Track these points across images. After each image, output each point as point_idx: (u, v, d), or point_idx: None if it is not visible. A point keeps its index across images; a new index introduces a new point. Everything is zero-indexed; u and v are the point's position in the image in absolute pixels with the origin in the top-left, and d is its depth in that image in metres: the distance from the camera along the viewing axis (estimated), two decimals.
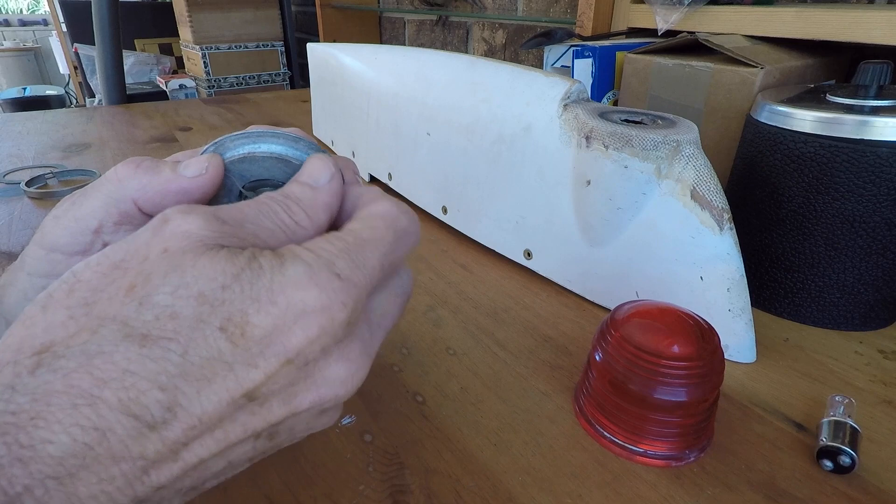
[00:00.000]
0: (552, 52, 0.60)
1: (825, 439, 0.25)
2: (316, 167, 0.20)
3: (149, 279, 0.15)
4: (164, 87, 1.65)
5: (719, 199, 0.31)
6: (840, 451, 0.25)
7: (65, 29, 2.21)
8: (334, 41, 1.15)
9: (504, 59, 0.76)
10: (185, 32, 1.68)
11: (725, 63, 0.44)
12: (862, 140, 0.31)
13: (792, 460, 0.26)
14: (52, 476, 0.13)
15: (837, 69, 0.50)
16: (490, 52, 1.07)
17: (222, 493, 0.24)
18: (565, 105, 0.36)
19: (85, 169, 0.65)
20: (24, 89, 3.44)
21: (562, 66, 0.59)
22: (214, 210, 0.17)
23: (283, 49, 1.75)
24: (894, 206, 0.32)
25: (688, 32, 0.54)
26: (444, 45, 1.19)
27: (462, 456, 0.26)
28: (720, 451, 0.26)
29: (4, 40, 4.04)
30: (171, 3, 1.77)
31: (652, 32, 0.60)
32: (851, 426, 0.25)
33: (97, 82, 1.32)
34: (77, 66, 2.09)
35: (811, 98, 0.35)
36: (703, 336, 0.25)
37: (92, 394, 0.14)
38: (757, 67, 0.42)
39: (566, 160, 0.36)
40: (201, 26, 1.60)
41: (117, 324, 0.15)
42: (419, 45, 1.25)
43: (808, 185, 0.33)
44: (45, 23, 4.05)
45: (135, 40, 1.99)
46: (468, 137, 0.43)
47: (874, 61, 0.33)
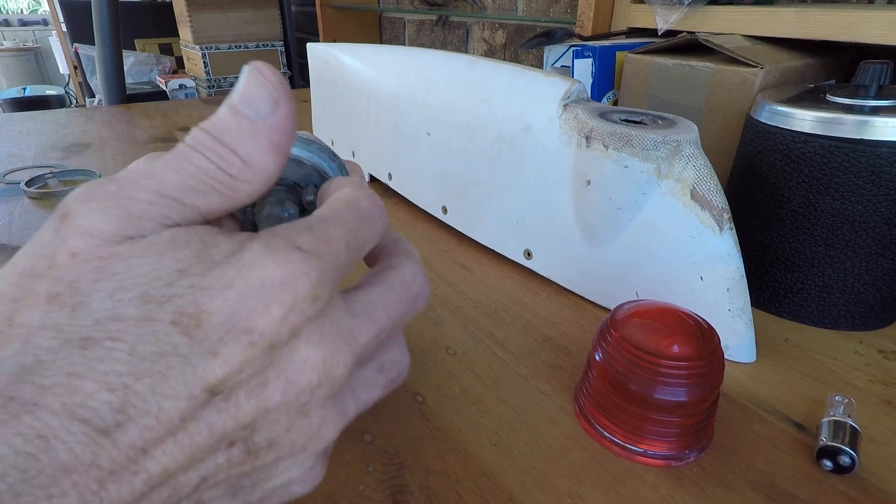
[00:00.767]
0: (552, 52, 0.60)
1: (825, 439, 0.25)
2: (250, 88, 0.17)
3: (74, 287, 0.14)
4: (164, 87, 1.65)
5: (719, 199, 0.31)
6: (840, 451, 0.25)
7: (65, 29, 2.21)
8: (334, 41, 1.15)
9: (504, 59, 0.76)
10: (185, 32, 1.68)
11: (725, 63, 0.44)
12: (862, 140, 0.31)
13: (792, 460, 0.26)
14: None
15: (837, 69, 0.50)
16: (490, 52, 1.07)
17: None
18: (565, 105, 0.36)
19: (85, 169, 0.65)
20: (24, 89, 3.44)
21: (562, 66, 0.59)
22: (116, 189, 0.15)
23: (283, 49, 1.75)
24: (894, 206, 0.32)
25: (688, 32, 0.54)
26: (444, 45, 1.19)
27: (462, 456, 0.26)
28: (720, 451, 0.26)
29: (4, 40, 4.04)
30: (171, 3, 1.77)
31: (652, 32, 0.60)
32: (851, 426, 0.25)
33: (97, 82, 1.32)
34: (77, 66, 2.09)
35: (811, 98, 0.35)
36: (703, 336, 0.25)
37: (34, 402, 0.13)
38: (757, 67, 0.42)
39: (566, 160, 0.36)
40: (201, 26, 1.60)
41: (49, 331, 0.14)
42: (419, 45, 1.25)
43: (808, 185, 0.33)
44: (45, 23, 4.05)
45: (135, 40, 1.99)
46: (468, 137, 0.43)
47: (874, 61, 0.33)
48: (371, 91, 0.56)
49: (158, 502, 0.14)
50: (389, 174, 0.56)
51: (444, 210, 0.48)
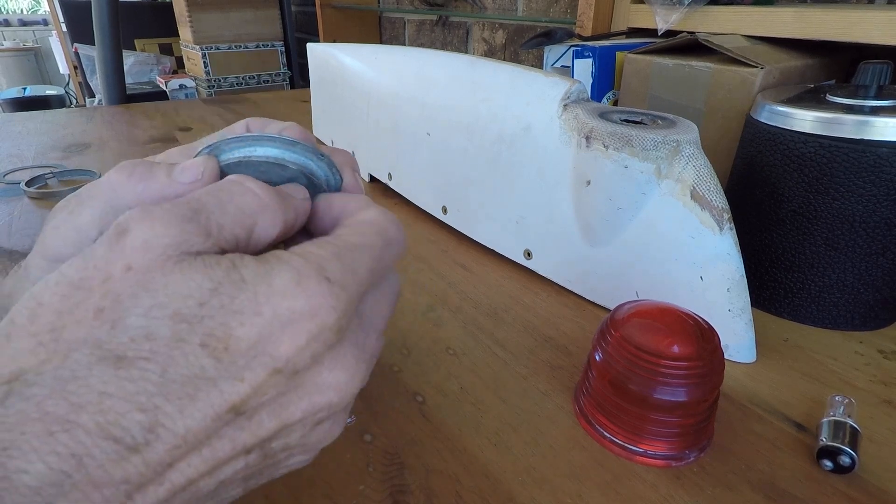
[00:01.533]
0: (552, 52, 0.60)
1: (825, 439, 0.25)
2: (290, 188, 0.20)
3: (118, 302, 0.15)
4: (164, 87, 1.65)
5: (719, 199, 0.31)
6: (840, 451, 0.25)
7: (65, 29, 2.21)
8: (334, 41, 1.15)
9: (504, 59, 0.76)
10: (185, 32, 1.68)
11: (725, 63, 0.44)
12: (862, 140, 0.31)
13: (792, 460, 0.26)
14: None
15: (837, 69, 0.50)
16: (490, 52, 1.07)
17: None
18: (565, 105, 0.36)
19: (85, 169, 0.65)
20: (24, 89, 3.44)
21: (562, 66, 0.59)
22: (171, 207, 0.16)
23: (283, 49, 1.75)
24: (894, 206, 0.32)
25: (688, 32, 0.54)
26: (444, 45, 1.19)
27: (462, 456, 0.26)
28: (720, 451, 0.26)
29: (4, 40, 4.04)
30: (171, 3, 1.77)
31: (652, 32, 0.60)
32: (851, 426, 0.25)
33: (97, 82, 1.32)
34: (77, 66, 2.10)
35: (811, 98, 0.35)
36: (703, 336, 0.25)
37: (68, 419, 0.13)
38: (757, 67, 0.42)
39: (566, 160, 0.36)
40: (201, 26, 1.60)
41: (89, 347, 0.14)
42: (419, 45, 1.25)
43: (808, 185, 0.33)
44: (45, 23, 4.05)
45: (135, 40, 1.99)
46: (468, 137, 0.43)
47: (874, 61, 0.33)
48: (371, 91, 0.56)
49: None
50: (389, 174, 0.56)
51: (444, 210, 0.48)
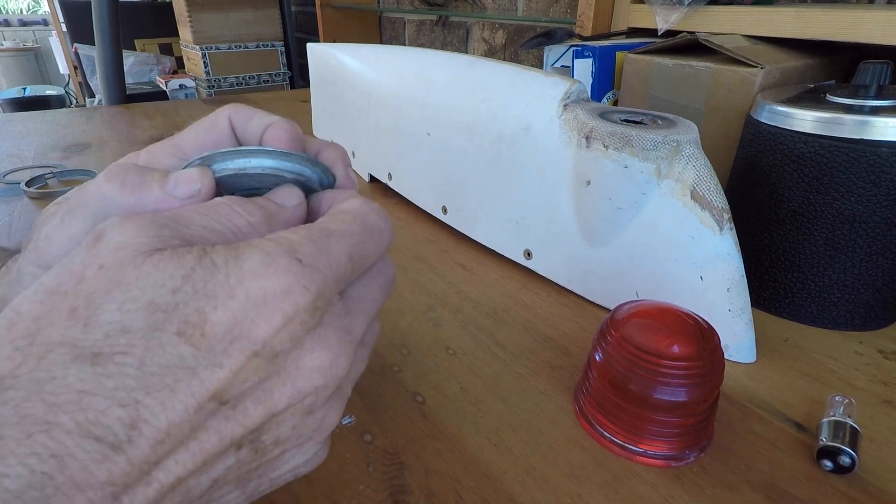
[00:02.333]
0: (552, 52, 0.60)
1: (825, 439, 0.25)
2: (285, 193, 0.20)
3: (91, 300, 0.15)
4: (164, 87, 1.65)
5: (719, 199, 0.31)
6: (840, 451, 0.25)
7: (65, 29, 2.21)
8: (334, 41, 1.15)
9: (504, 59, 0.76)
10: (185, 32, 1.68)
11: (725, 63, 0.44)
12: (862, 140, 0.31)
13: (792, 460, 0.26)
14: None
15: (837, 69, 0.50)
16: (490, 52, 1.07)
17: None
18: (565, 105, 0.36)
19: (85, 169, 0.65)
20: (24, 89, 3.44)
21: (562, 66, 0.59)
22: (152, 215, 0.16)
23: (283, 49, 1.75)
24: (894, 206, 0.32)
25: (688, 32, 0.54)
26: (444, 45, 1.19)
27: (462, 456, 0.26)
28: (720, 451, 0.26)
29: (4, 40, 4.04)
30: (171, 3, 1.77)
31: (652, 32, 0.60)
32: (851, 426, 0.25)
33: (97, 82, 1.32)
34: (77, 66, 2.10)
35: (811, 98, 0.35)
36: (703, 336, 0.25)
37: (46, 420, 0.13)
38: (757, 67, 0.42)
39: (566, 160, 0.36)
40: (201, 26, 1.60)
41: (64, 347, 0.14)
42: (419, 45, 1.25)
43: (808, 185, 0.33)
44: (45, 23, 4.05)
45: (135, 40, 1.99)
46: (468, 137, 0.43)
47: (874, 61, 0.33)
48: (371, 91, 0.56)
49: None
50: (389, 174, 0.56)
51: (444, 210, 0.48)
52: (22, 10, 4.53)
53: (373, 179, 0.61)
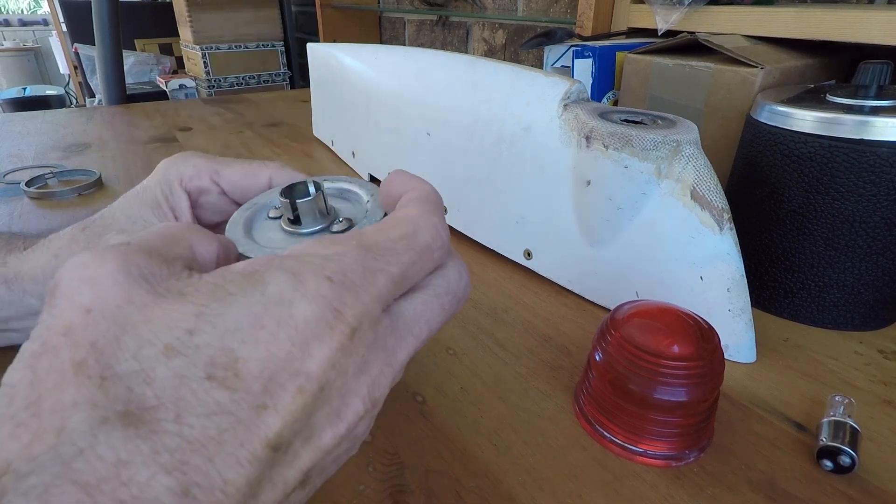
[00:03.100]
0: (552, 52, 0.60)
1: (825, 439, 0.25)
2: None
3: (98, 350, 0.12)
4: (164, 87, 1.66)
5: (719, 199, 0.31)
6: (840, 451, 0.25)
7: (65, 29, 2.21)
8: (334, 41, 1.15)
9: (504, 59, 0.76)
10: (185, 32, 1.68)
11: (725, 63, 0.44)
12: (862, 140, 0.31)
13: (792, 460, 0.26)
14: None
15: (837, 69, 0.50)
16: (490, 52, 1.07)
17: None
18: (565, 105, 0.36)
19: (85, 169, 0.65)
20: (24, 89, 3.45)
21: (562, 66, 0.59)
22: (115, 245, 0.14)
23: (283, 49, 1.75)
24: (894, 206, 0.32)
25: (688, 32, 0.54)
26: (444, 45, 1.19)
27: (462, 456, 0.26)
28: (720, 451, 0.26)
29: (4, 40, 4.04)
30: (171, 3, 1.77)
31: (652, 32, 0.60)
32: (851, 426, 0.25)
33: (97, 82, 1.32)
34: (77, 66, 2.10)
35: (811, 98, 0.35)
36: (703, 336, 0.25)
37: None
38: (757, 67, 0.42)
39: (566, 160, 0.36)
40: (201, 26, 1.60)
41: (82, 410, 0.12)
42: (419, 45, 1.25)
43: (808, 185, 0.33)
44: (45, 23, 4.04)
45: (135, 40, 1.99)
46: (468, 137, 0.43)
47: (874, 61, 0.33)
48: (371, 91, 0.56)
49: None
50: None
51: (444, 210, 0.48)
52: (22, 10, 4.53)
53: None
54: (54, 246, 0.25)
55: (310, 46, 0.73)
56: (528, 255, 0.41)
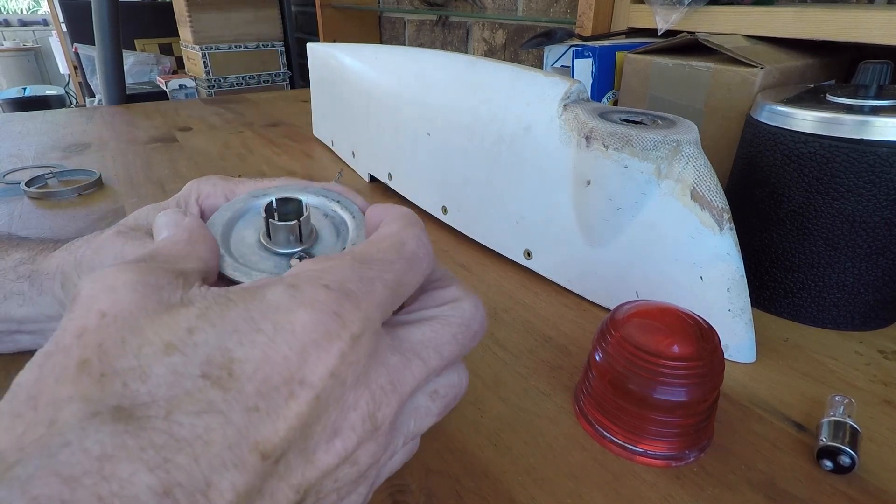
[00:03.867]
0: (552, 52, 0.60)
1: (825, 439, 0.25)
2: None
3: (103, 350, 0.13)
4: (164, 87, 1.66)
5: (719, 199, 0.31)
6: (840, 451, 0.25)
7: (65, 29, 2.21)
8: (334, 41, 1.15)
9: (504, 59, 0.76)
10: (185, 32, 1.68)
11: (725, 63, 0.44)
12: (862, 140, 0.31)
13: (792, 460, 0.26)
14: None
15: (837, 69, 0.50)
16: (490, 52, 1.07)
17: None
18: (565, 105, 0.36)
19: (85, 169, 0.65)
20: (24, 89, 3.45)
21: (562, 66, 0.59)
22: (135, 259, 0.15)
23: (283, 49, 1.75)
24: (894, 206, 0.32)
25: (688, 32, 0.54)
26: (444, 45, 1.19)
27: (462, 456, 0.26)
28: (720, 451, 0.26)
29: (4, 40, 4.04)
30: (171, 3, 1.77)
31: (652, 32, 0.60)
32: (851, 426, 0.25)
33: (97, 82, 1.32)
34: (77, 66, 2.10)
35: (811, 98, 0.35)
36: (703, 336, 0.25)
37: (62, 500, 0.10)
38: (757, 67, 0.42)
39: (566, 160, 0.36)
40: (201, 26, 1.60)
41: (76, 403, 0.12)
42: (419, 45, 1.25)
43: (808, 185, 0.33)
44: (45, 23, 4.05)
45: (135, 40, 1.99)
46: (468, 137, 0.43)
47: (874, 61, 0.33)
48: (371, 91, 0.56)
49: None
50: (389, 174, 0.56)
51: (444, 210, 0.48)
52: (22, 10, 4.53)
53: (373, 179, 0.61)
54: (74, 246, 0.26)
55: (310, 46, 0.73)
56: (528, 255, 0.41)
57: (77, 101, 3.13)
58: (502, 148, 0.40)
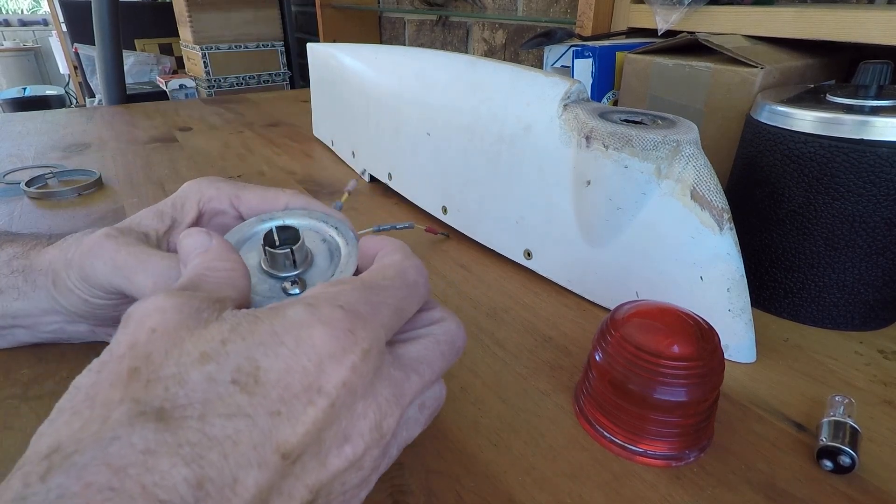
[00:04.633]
0: (552, 52, 0.60)
1: (825, 439, 0.25)
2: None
3: (150, 359, 0.15)
4: (164, 87, 1.66)
5: (719, 199, 0.31)
6: (840, 451, 0.25)
7: (65, 29, 2.21)
8: (334, 41, 1.15)
9: (504, 59, 0.76)
10: (185, 32, 1.68)
11: (725, 63, 0.44)
12: (862, 140, 0.31)
13: (792, 460, 0.26)
14: None
15: (837, 69, 0.50)
16: (490, 52, 1.07)
17: None
18: (565, 105, 0.36)
19: (85, 169, 0.65)
20: (24, 89, 3.45)
21: (562, 66, 0.59)
22: (180, 290, 0.17)
23: (283, 49, 1.75)
24: (894, 206, 0.32)
25: (688, 32, 0.54)
26: (444, 45, 1.19)
27: (462, 456, 0.26)
28: (720, 451, 0.26)
29: (4, 40, 4.04)
30: (171, 3, 1.77)
31: (652, 32, 0.60)
32: (851, 426, 0.25)
33: (97, 82, 1.32)
34: (77, 66, 2.10)
35: (811, 98, 0.35)
36: (703, 336, 0.25)
37: (111, 487, 0.12)
38: (757, 67, 0.42)
39: (566, 160, 0.36)
40: (201, 26, 1.60)
41: (126, 404, 0.14)
42: (419, 45, 1.25)
43: (808, 185, 0.33)
44: (45, 23, 4.05)
45: (135, 40, 1.99)
46: (468, 137, 0.43)
47: (874, 61, 0.33)
48: (371, 91, 0.56)
49: None
50: (389, 174, 0.56)
51: (444, 210, 0.48)
52: (22, 10, 4.53)
53: (373, 179, 0.61)
54: (66, 244, 0.27)
55: (310, 46, 0.73)
56: (528, 255, 0.41)
57: (77, 101, 3.13)
58: (502, 148, 0.40)
